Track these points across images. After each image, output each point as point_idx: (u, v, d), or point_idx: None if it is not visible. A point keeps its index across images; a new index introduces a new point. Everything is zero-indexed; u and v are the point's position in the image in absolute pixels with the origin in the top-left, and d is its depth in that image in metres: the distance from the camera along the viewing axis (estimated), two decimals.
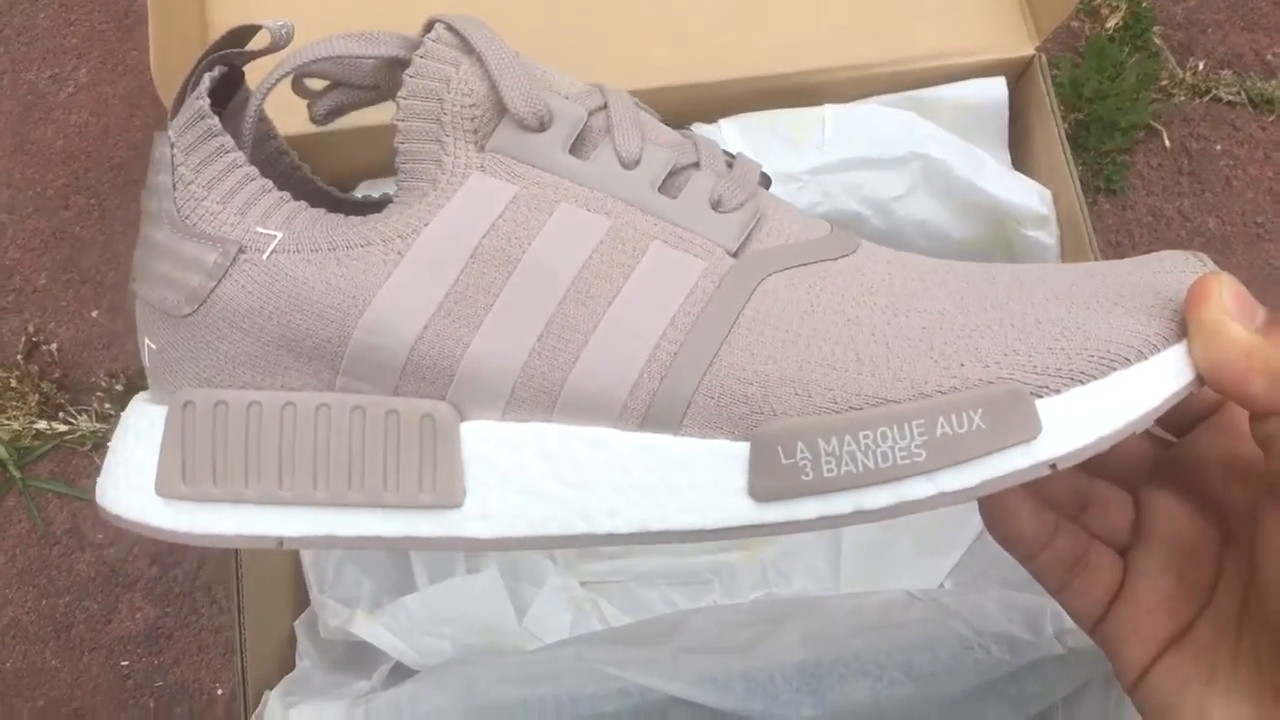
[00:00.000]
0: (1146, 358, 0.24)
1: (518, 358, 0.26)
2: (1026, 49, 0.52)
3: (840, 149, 0.50)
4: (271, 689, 0.45)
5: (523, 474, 0.26)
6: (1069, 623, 0.42)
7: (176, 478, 0.27)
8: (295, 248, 0.26)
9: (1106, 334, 0.24)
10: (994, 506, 0.29)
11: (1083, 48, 0.71)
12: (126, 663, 0.62)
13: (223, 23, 0.52)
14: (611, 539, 0.26)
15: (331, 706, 0.43)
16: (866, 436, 0.24)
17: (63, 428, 0.66)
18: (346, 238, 0.26)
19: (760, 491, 0.25)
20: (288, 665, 0.49)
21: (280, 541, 0.27)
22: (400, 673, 0.47)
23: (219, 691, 0.61)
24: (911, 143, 0.50)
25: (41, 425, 0.66)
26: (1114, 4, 0.71)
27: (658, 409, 0.25)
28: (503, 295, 0.26)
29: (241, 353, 0.27)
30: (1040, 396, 0.24)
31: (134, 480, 0.28)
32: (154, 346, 0.28)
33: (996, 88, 0.52)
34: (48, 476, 0.65)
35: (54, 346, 0.68)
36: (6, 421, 0.66)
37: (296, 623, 0.50)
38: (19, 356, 0.67)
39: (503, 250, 0.26)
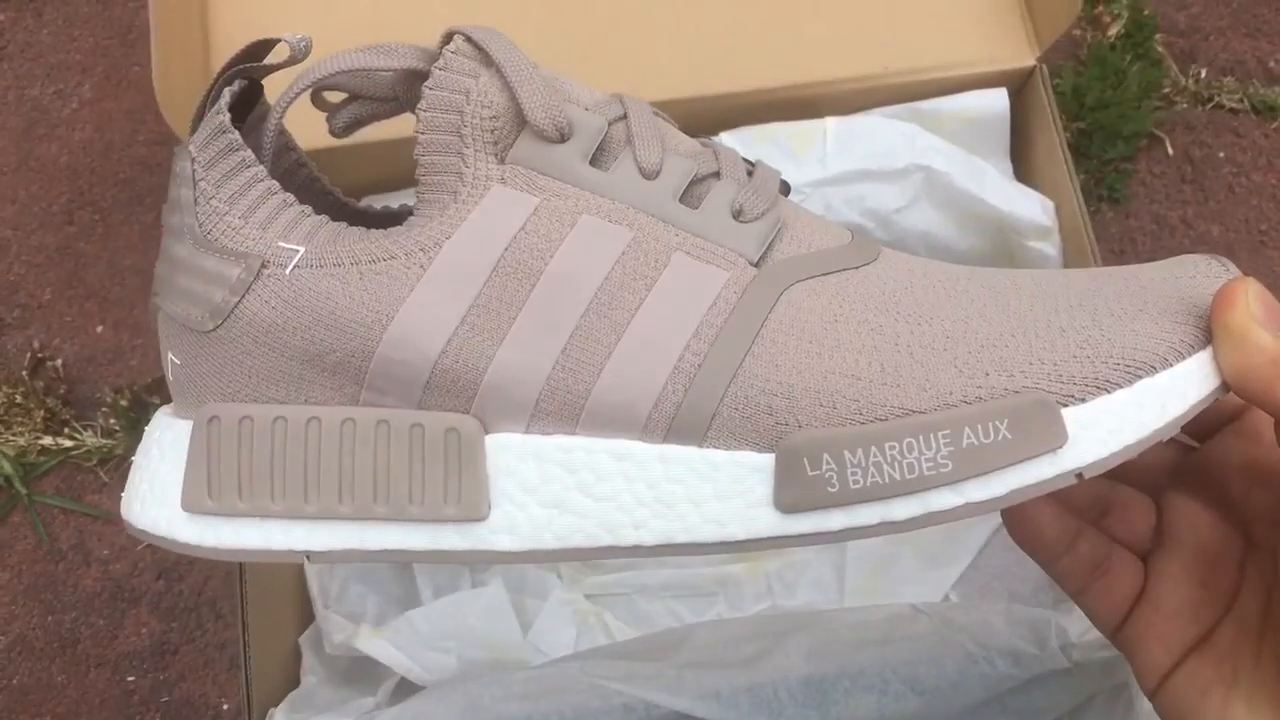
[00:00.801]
0: (1172, 365, 0.24)
1: (541, 370, 0.26)
2: (1028, 60, 0.52)
3: (841, 161, 0.50)
4: (276, 705, 0.45)
5: (547, 487, 0.26)
6: (1074, 636, 0.42)
7: (202, 493, 0.27)
8: (318, 262, 0.26)
9: (1132, 341, 0.24)
10: (1016, 512, 0.29)
11: (1085, 56, 0.70)
12: (132, 678, 0.62)
13: (224, 39, 0.52)
14: (637, 551, 0.26)
15: None
16: (892, 448, 0.24)
17: (68, 443, 0.66)
18: (369, 252, 0.26)
19: (786, 503, 0.25)
20: (293, 681, 0.49)
21: (307, 555, 0.27)
22: (405, 688, 0.47)
23: (224, 707, 0.61)
24: (913, 154, 0.50)
25: (47, 441, 0.66)
26: (1116, 12, 0.71)
27: (682, 421, 0.25)
28: (525, 308, 0.26)
29: (266, 368, 0.27)
30: (1066, 405, 0.24)
31: (159, 495, 0.28)
32: (177, 361, 0.28)
33: (998, 99, 0.52)
34: (53, 492, 0.65)
35: (59, 362, 0.68)
36: (12, 437, 0.66)
37: (301, 638, 0.50)
38: (24, 372, 0.67)
39: (525, 263, 0.26)
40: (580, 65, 0.51)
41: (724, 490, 0.25)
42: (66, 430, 0.66)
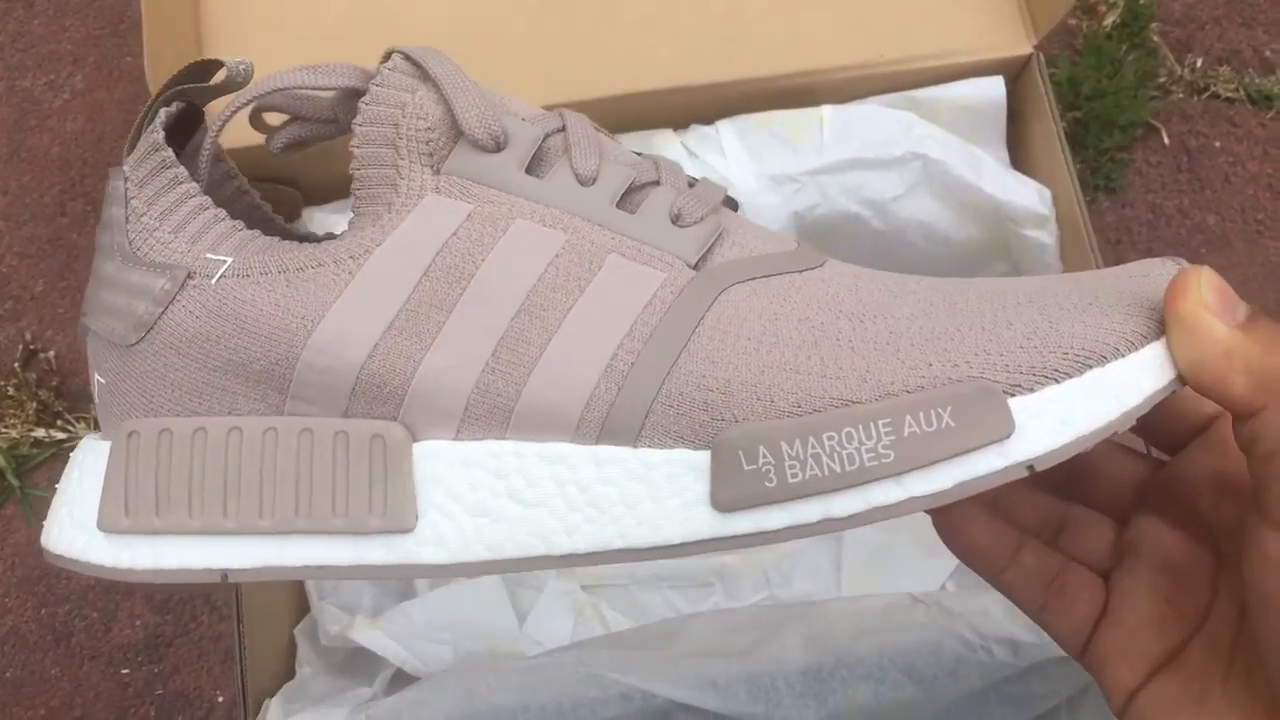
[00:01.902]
0: (1124, 355, 0.23)
1: (471, 374, 0.25)
2: (1024, 48, 0.52)
3: (838, 150, 0.50)
4: (272, 697, 0.45)
5: (475, 494, 0.25)
6: None
7: (119, 511, 0.26)
8: (245, 272, 0.26)
9: (1081, 331, 0.23)
10: (946, 520, 0.28)
11: (1081, 46, 0.70)
12: (127, 671, 0.61)
13: (216, 29, 0.51)
14: (571, 560, 0.25)
15: (332, 714, 0.43)
16: (831, 438, 0.23)
17: (61, 435, 0.65)
18: (298, 260, 0.26)
19: (723, 501, 0.24)
20: (288, 673, 0.49)
21: (225, 575, 0.26)
22: (401, 680, 0.47)
23: (219, 699, 0.61)
24: (910, 143, 0.50)
25: (40, 433, 0.65)
26: (1112, 1, 0.71)
27: (615, 420, 0.25)
28: (455, 311, 0.25)
29: (188, 380, 0.26)
30: (1013, 395, 0.23)
31: (77, 518, 0.27)
32: (103, 381, 0.28)
33: (994, 87, 0.52)
34: (46, 485, 0.65)
35: (51, 354, 0.68)
36: (4, 429, 0.66)
37: (296, 630, 0.50)
38: (16, 364, 0.67)
39: (456, 267, 0.25)
40: (576, 55, 0.51)
41: (659, 491, 0.24)
42: (59, 422, 0.66)
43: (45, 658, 0.62)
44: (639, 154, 0.29)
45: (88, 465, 0.27)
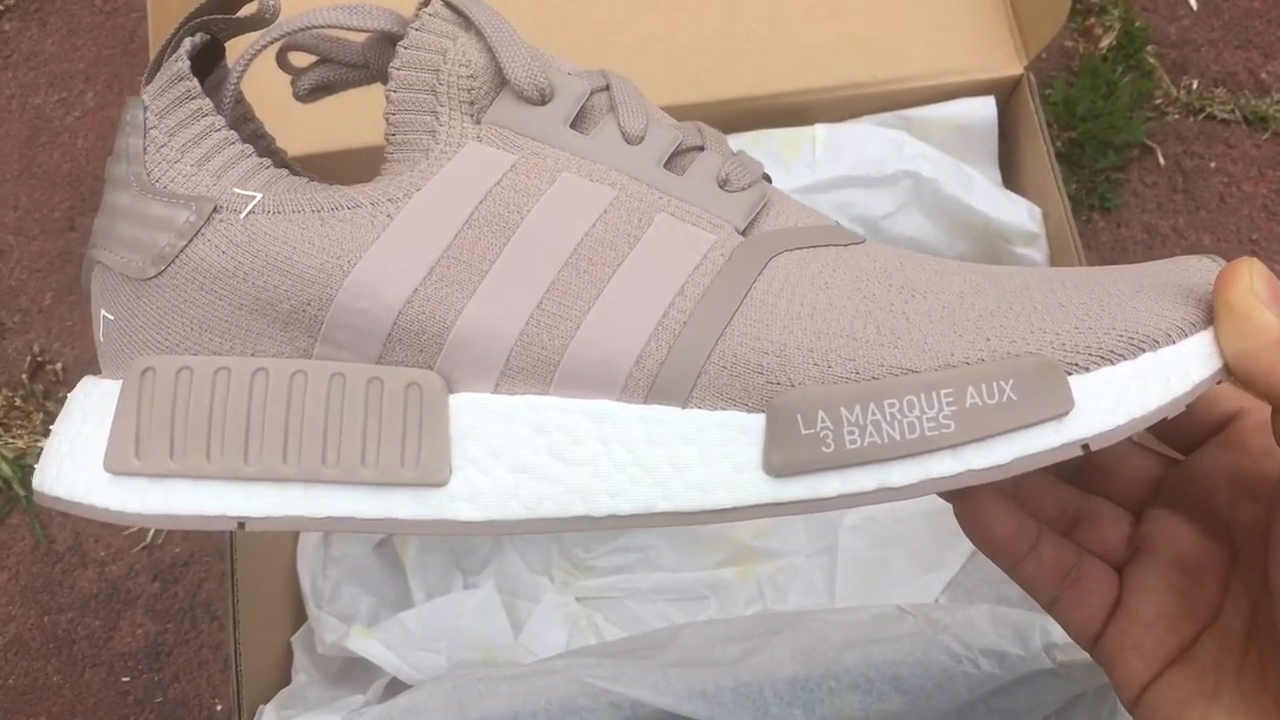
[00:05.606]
0: (1175, 342, 0.23)
1: (514, 325, 0.24)
2: (1015, 68, 0.52)
3: (831, 168, 0.51)
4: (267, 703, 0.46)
5: (515, 450, 0.24)
6: (1059, 638, 0.42)
7: (129, 451, 0.25)
8: (276, 209, 0.25)
9: (1134, 316, 0.23)
10: (969, 508, 0.28)
11: (1077, 67, 0.71)
12: (127, 679, 0.62)
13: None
14: (612, 521, 0.24)
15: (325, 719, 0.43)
16: (892, 405, 0.23)
17: None
18: (332, 200, 0.25)
19: (777, 465, 0.23)
20: (284, 681, 0.49)
21: (241, 523, 0.25)
22: (396, 689, 0.47)
23: (218, 707, 0.61)
24: (902, 161, 0.51)
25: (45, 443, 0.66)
26: (1107, 24, 0.71)
27: (665, 380, 0.24)
28: (500, 260, 0.24)
29: (210, 317, 0.25)
30: (1070, 373, 0.23)
31: (79, 457, 0.25)
32: (111, 317, 0.26)
33: (986, 107, 0.53)
34: None
35: (59, 366, 0.69)
36: (11, 440, 0.67)
37: (294, 638, 0.50)
38: (24, 375, 0.68)
39: (500, 216, 0.25)
40: None
41: (709, 453, 0.24)
42: None
43: (47, 665, 0.62)
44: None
45: (91, 404, 0.26)
